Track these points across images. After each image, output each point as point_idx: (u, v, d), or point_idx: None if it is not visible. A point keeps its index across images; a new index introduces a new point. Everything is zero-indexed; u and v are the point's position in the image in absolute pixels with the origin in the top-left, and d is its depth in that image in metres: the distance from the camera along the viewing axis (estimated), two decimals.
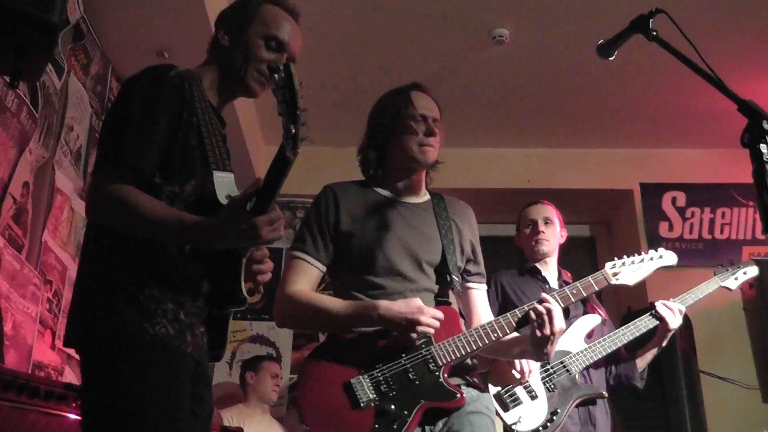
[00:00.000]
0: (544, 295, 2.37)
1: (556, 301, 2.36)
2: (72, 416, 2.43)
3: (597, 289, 2.56)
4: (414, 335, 2.24)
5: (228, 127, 2.19)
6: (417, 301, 2.25)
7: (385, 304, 2.25)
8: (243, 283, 1.89)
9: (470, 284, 2.55)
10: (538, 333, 2.29)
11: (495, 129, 5.76)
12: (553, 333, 2.28)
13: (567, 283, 2.91)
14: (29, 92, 3.59)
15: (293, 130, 1.61)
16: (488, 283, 2.67)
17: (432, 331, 2.25)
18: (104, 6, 4.11)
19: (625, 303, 5.22)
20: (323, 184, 2.56)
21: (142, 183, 1.81)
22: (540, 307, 2.31)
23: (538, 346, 2.31)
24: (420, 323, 2.21)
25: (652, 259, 2.75)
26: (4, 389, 2.28)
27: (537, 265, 3.53)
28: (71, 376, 3.92)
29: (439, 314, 2.27)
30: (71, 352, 3.93)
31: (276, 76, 1.66)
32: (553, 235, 3.56)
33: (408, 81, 2.62)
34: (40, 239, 3.73)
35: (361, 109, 2.64)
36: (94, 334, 1.76)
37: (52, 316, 3.82)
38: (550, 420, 3.08)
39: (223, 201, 1.88)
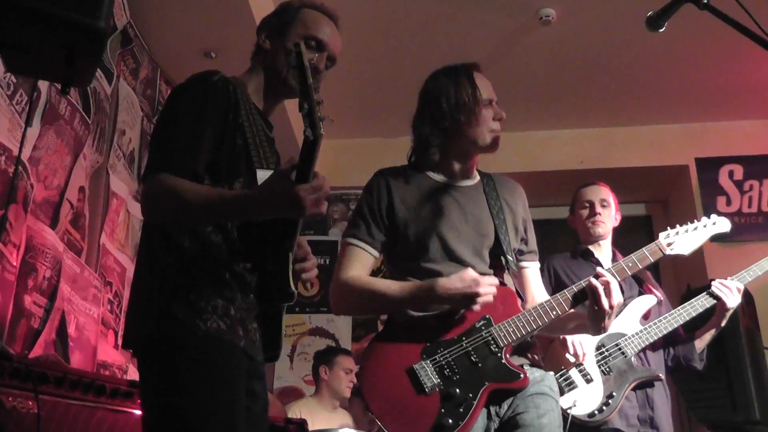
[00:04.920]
0: (599, 269, 2.36)
1: (612, 275, 2.34)
2: (137, 412, 2.48)
3: (652, 260, 2.52)
4: (477, 307, 2.23)
5: (277, 124, 2.21)
6: (470, 273, 2.24)
7: (440, 283, 2.25)
8: (291, 278, 1.90)
9: (523, 263, 2.55)
10: (596, 306, 2.28)
11: (545, 111, 5.69)
12: (611, 306, 2.27)
13: None
14: (81, 99, 3.67)
15: (306, 107, 1.61)
16: (541, 267, 2.65)
17: (491, 299, 2.24)
18: (150, 10, 4.17)
19: (685, 281, 5.12)
20: None
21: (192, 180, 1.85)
22: (595, 281, 2.30)
23: (596, 319, 2.31)
24: (478, 294, 2.21)
25: (705, 226, 2.71)
26: (72, 388, 2.33)
27: (590, 247, 3.50)
28: (135, 375, 3.99)
29: (495, 280, 2.27)
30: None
31: (289, 58, 1.67)
32: (609, 218, 3.53)
33: None
34: (98, 242, 3.80)
35: (410, 99, 2.62)
36: (148, 335, 1.81)
37: (113, 316, 3.90)
38: (606, 404, 3.05)
39: None
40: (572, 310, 2.40)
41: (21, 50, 2.06)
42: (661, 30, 2.11)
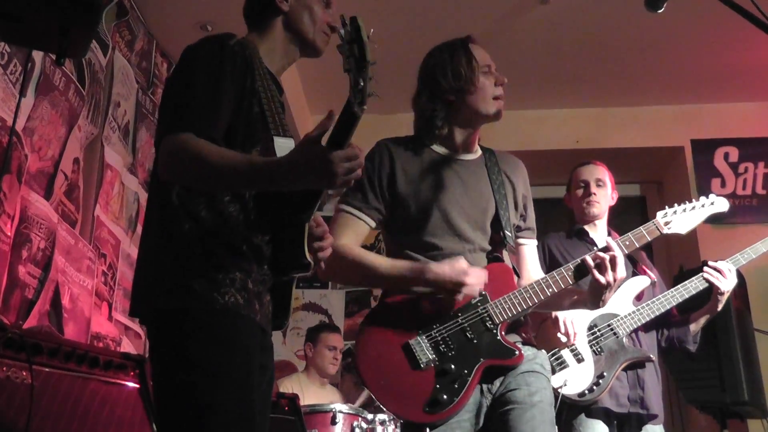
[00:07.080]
0: (609, 240, 2.36)
1: (620, 247, 2.35)
2: (131, 384, 2.49)
3: (649, 239, 2.52)
4: (459, 297, 2.23)
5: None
6: (462, 262, 2.23)
7: (430, 267, 2.24)
8: (306, 248, 1.84)
9: (521, 240, 2.54)
10: (601, 280, 2.28)
11: (542, 89, 5.66)
12: (615, 279, 2.28)
13: None
14: (76, 70, 3.65)
15: (361, 84, 1.58)
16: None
17: (476, 293, 2.25)
18: None
19: (678, 262, 5.15)
20: None
21: None
22: (602, 253, 2.30)
23: (597, 293, 2.32)
24: (465, 284, 2.20)
25: (703, 206, 2.70)
26: (66, 360, 2.34)
27: (585, 227, 3.48)
28: (129, 347, 4.02)
29: (484, 274, 2.25)
30: (128, 322, 4.02)
31: (342, 31, 1.61)
32: (605, 198, 3.50)
33: None
34: (92, 214, 3.80)
35: (407, 75, 2.60)
36: (162, 307, 1.75)
37: (107, 288, 3.90)
38: (597, 383, 3.06)
39: None
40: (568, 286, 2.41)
41: (16, 20, 2.05)
42: (659, 11, 2.10)
